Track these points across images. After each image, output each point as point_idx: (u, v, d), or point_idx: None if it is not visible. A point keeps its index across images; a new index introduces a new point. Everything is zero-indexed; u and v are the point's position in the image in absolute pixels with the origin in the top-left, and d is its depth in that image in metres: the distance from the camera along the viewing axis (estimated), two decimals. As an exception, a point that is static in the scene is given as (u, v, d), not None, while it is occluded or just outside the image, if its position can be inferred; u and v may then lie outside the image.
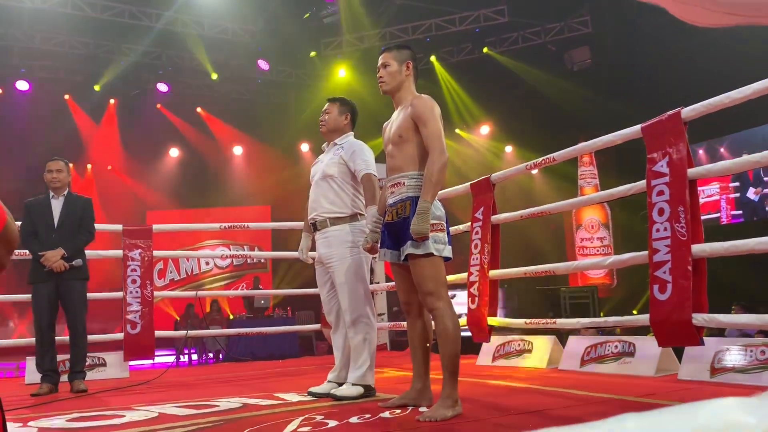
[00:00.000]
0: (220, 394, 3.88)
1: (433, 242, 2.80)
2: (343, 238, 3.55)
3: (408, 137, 2.94)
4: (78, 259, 4.52)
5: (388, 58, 3.09)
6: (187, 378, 5.32)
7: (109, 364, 5.37)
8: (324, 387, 3.59)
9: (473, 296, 4.72)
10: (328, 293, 3.73)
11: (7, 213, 1.09)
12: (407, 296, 3.08)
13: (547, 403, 2.99)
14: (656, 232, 3.36)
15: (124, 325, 5.39)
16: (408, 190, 2.91)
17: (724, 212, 11.84)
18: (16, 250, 1.25)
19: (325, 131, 3.78)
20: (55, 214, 4.54)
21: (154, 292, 5.54)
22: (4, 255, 1.10)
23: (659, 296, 3.30)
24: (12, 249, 1.12)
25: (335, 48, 12.73)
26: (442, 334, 2.82)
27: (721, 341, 3.55)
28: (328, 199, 3.61)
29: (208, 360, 10.48)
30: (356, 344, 3.49)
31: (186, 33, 11.70)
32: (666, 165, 3.36)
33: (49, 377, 4.45)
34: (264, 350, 8.14)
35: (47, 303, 4.46)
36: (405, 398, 3.05)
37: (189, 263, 14.30)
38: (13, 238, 1.11)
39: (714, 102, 3.28)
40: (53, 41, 11.57)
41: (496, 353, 4.98)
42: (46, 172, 4.60)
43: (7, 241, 1.09)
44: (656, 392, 3.10)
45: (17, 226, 1.11)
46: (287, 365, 6.15)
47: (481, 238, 4.74)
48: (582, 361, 4.23)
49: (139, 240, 5.54)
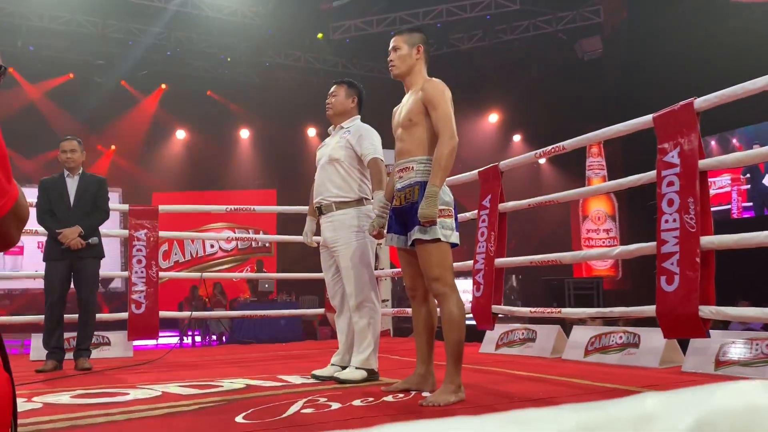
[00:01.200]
0: (224, 374, 3.90)
1: (441, 228, 2.79)
2: (348, 223, 3.54)
3: (418, 121, 2.92)
4: (94, 237, 4.55)
5: (399, 41, 3.06)
6: (190, 358, 5.34)
7: (113, 344, 5.40)
8: (327, 370, 3.60)
9: (478, 284, 4.72)
10: (332, 277, 3.72)
11: (19, 189, 1.09)
12: (413, 281, 3.07)
13: (550, 391, 2.99)
14: (665, 223, 3.33)
15: (129, 304, 5.41)
16: (417, 175, 2.89)
17: (735, 204, 11.78)
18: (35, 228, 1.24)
19: (332, 114, 3.75)
20: (70, 192, 4.57)
21: (159, 272, 5.55)
22: (14, 230, 1.10)
23: (666, 287, 3.29)
24: (23, 224, 1.12)
25: (344, 32, 12.65)
26: (447, 320, 2.81)
27: (726, 334, 3.54)
28: (334, 183, 3.59)
29: (212, 342, 10.53)
30: (360, 328, 3.49)
31: (195, 15, 11.64)
32: (677, 156, 3.33)
33: (54, 354, 4.47)
34: (267, 334, 8.18)
35: (60, 281, 4.49)
36: (408, 383, 3.05)
37: (194, 245, 14.32)
38: (24, 214, 1.10)
39: (728, 93, 3.24)
40: (61, 20, 11.53)
41: (500, 341, 4.98)
42: (60, 152, 4.62)
43: (18, 216, 1.09)
44: (660, 383, 3.10)
45: (29, 202, 1.11)
46: (290, 348, 6.17)
47: (487, 226, 4.72)
48: (586, 351, 4.23)
49: (145, 220, 5.55)
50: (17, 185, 1.09)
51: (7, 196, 1.05)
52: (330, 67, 13.64)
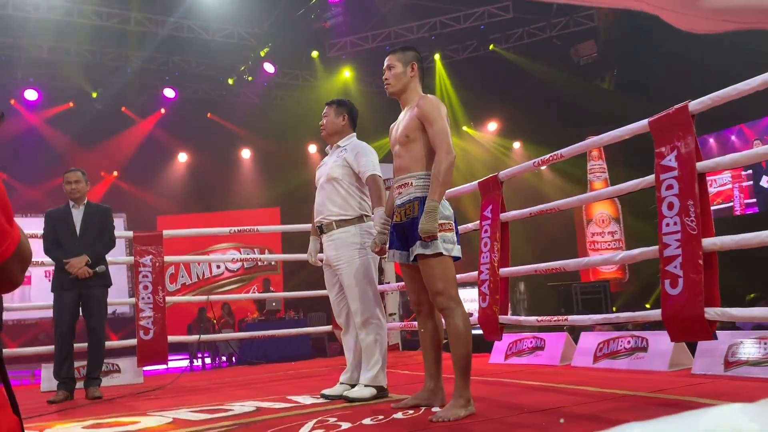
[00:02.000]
0: (234, 398, 3.90)
1: (442, 242, 2.81)
2: (350, 240, 3.56)
3: (415, 137, 2.94)
4: (101, 265, 4.58)
5: (392, 60, 3.10)
6: (200, 382, 5.35)
7: (123, 370, 5.42)
8: (337, 389, 3.60)
9: (484, 295, 4.72)
10: (337, 295, 3.74)
11: (21, 231, 1.11)
12: (417, 296, 3.08)
13: (560, 400, 2.98)
14: (666, 226, 3.34)
15: (137, 331, 5.42)
16: (416, 190, 2.92)
17: (738, 201, 11.74)
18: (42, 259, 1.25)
19: (326, 135, 3.81)
20: (76, 223, 4.61)
21: (165, 297, 5.58)
22: (18, 272, 1.12)
23: (671, 291, 3.29)
24: (26, 266, 1.14)
25: (340, 49, 12.74)
26: (453, 334, 2.82)
27: (734, 335, 3.53)
28: (334, 201, 3.62)
29: (222, 363, 10.53)
30: (367, 345, 3.50)
31: (191, 38, 11.74)
32: (674, 159, 3.34)
33: (65, 384, 4.49)
34: (277, 352, 8.16)
35: (69, 311, 4.51)
36: (417, 399, 3.05)
37: (200, 267, 14.37)
38: (27, 255, 1.12)
39: (721, 94, 3.26)
40: (59, 50, 11.64)
41: (509, 351, 4.97)
42: (64, 183, 4.67)
43: (21, 258, 1.10)
44: (670, 387, 3.09)
45: (34, 233, 1.14)
46: (300, 367, 6.17)
47: (490, 237, 4.73)
48: (595, 357, 4.22)
49: (150, 246, 5.58)
50: (19, 227, 1.11)
51: (10, 239, 1.07)
52: (328, 83, 13.72)
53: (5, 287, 1.12)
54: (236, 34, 11.97)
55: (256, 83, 13.64)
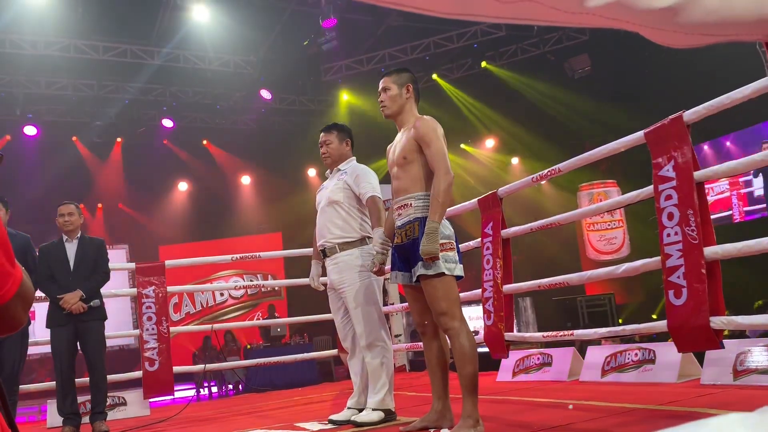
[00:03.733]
0: (241, 426, 3.87)
1: (444, 262, 2.80)
2: (353, 263, 3.55)
3: (412, 158, 2.95)
4: (96, 299, 4.55)
5: (388, 82, 3.12)
6: (207, 412, 5.31)
7: (129, 403, 5.38)
8: (344, 414, 3.57)
9: (488, 312, 4.70)
10: (342, 319, 3.73)
11: (23, 270, 1.12)
12: (421, 317, 3.07)
13: (569, 416, 2.96)
14: (667, 237, 3.34)
15: (143, 362, 5.40)
16: (415, 212, 2.92)
17: (736, 209, 11.70)
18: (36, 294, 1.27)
19: (330, 162, 3.80)
20: (70, 257, 4.57)
21: (170, 327, 5.56)
22: (21, 312, 1.12)
23: (675, 301, 3.28)
24: (29, 306, 1.14)
25: (336, 73, 12.83)
26: (459, 354, 2.80)
27: (742, 343, 3.51)
28: (335, 224, 3.62)
29: (228, 392, 10.44)
30: (374, 368, 3.48)
31: (187, 68, 11.84)
32: (672, 169, 3.35)
33: (70, 420, 4.45)
34: (283, 379, 8.10)
35: (66, 346, 4.47)
36: (426, 421, 3.03)
37: (204, 296, 14.34)
38: (29, 295, 1.13)
39: (715, 103, 3.28)
40: (57, 85, 11.74)
41: (516, 368, 4.94)
42: (58, 216, 4.64)
43: (24, 298, 1.11)
44: (680, 399, 3.07)
45: (31, 282, 1.14)
46: (307, 393, 6.13)
47: (492, 254, 4.73)
48: (603, 371, 4.19)
49: (153, 277, 5.57)
50: (21, 267, 1.11)
51: (12, 280, 1.07)
52: (325, 107, 13.81)
53: (8, 328, 1.11)
54: (232, 63, 12.07)
55: (254, 110, 13.73)
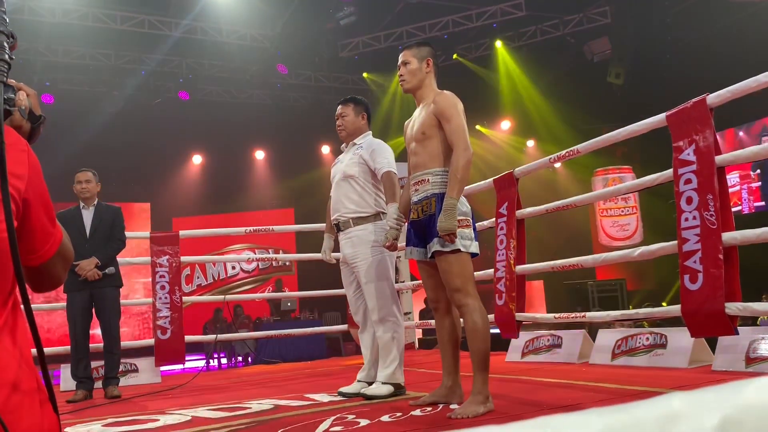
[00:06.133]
0: (251, 396, 3.91)
1: (460, 238, 2.79)
2: (366, 238, 3.55)
3: (431, 134, 2.93)
4: (111, 267, 4.59)
5: (407, 56, 3.08)
6: (218, 381, 5.37)
7: (141, 370, 5.45)
8: (354, 386, 3.60)
9: (500, 292, 4.70)
10: (354, 293, 3.74)
11: (63, 231, 1.15)
12: (435, 293, 3.07)
13: (579, 397, 2.96)
14: (685, 221, 3.31)
15: (155, 331, 5.46)
16: (433, 187, 2.91)
17: (746, 204, 11.56)
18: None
19: (345, 135, 3.78)
20: (86, 224, 4.61)
21: (182, 297, 5.60)
22: (61, 270, 1.16)
23: (690, 286, 3.25)
24: (68, 264, 1.18)
25: (353, 49, 12.75)
26: (471, 331, 2.81)
27: (755, 330, 3.49)
28: (350, 199, 3.61)
29: (238, 363, 10.57)
30: (384, 343, 3.49)
31: (204, 40, 11.81)
32: (693, 153, 3.31)
33: (84, 384, 4.53)
34: (293, 352, 8.18)
35: (81, 311, 4.53)
36: (435, 396, 3.04)
37: (216, 268, 14.45)
38: (68, 254, 1.17)
39: (740, 87, 3.22)
40: (74, 54, 11.76)
41: (525, 349, 4.95)
42: (75, 183, 4.67)
43: (63, 257, 1.15)
44: (690, 384, 3.06)
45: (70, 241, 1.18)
46: (316, 366, 6.18)
47: (506, 234, 4.71)
48: (613, 355, 4.19)
49: (167, 246, 5.61)
50: (60, 227, 1.15)
51: (53, 239, 1.12)
52: (340, 84, 13.75)
53: (48, 285, 1.16)
54: (249, 36, 12.02)
55: (269, 84, 13.69)
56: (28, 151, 1.08)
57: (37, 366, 1.05)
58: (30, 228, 1.07)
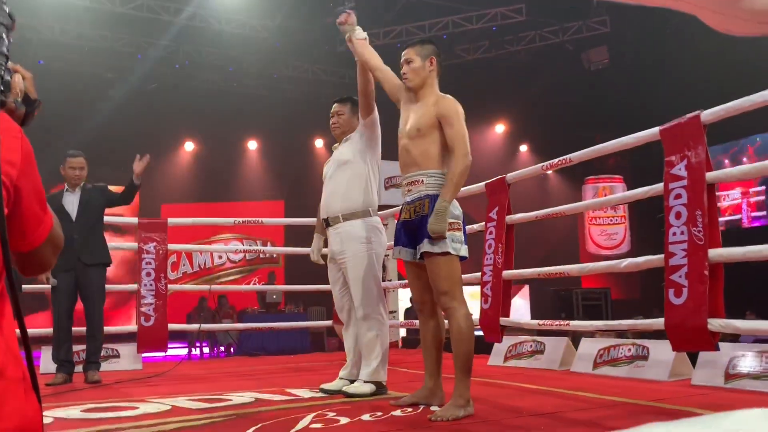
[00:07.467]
0: (233, 388, 3.91)
1: (451, 241, 2.80)
2: (355, 234, 3.54)
3: (426, 133, 2.92)
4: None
5: (411, 53, 3.05)
6: (199, 371, 5.36)
7: (122, 356, 5.42)
8: (336, 384, 3.59)
9: (486, 296, 4.72)
10: (340, 290, 3.73)
11: (53, 216, 1.17)
12: (421, 295, 3.07)
13: (558, 404, 2.98)
14: (673, 235, 3.33)
15: (138, 317, 5.43)
16: (427, 189, 2.90)
17: (745, 215, 11.69)
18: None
19: (339, 133, 3.76)
20: (73, 207, 4.58)
21: (168, 285, 5.58)
22: (51, 255, 1.18)
23: (675, 300, 3.28)
24: (58, 249, 1.20)
25: (351, 44, 12.72)
26: (456, 334, 2.81)
27: (735, 347, 3.52)
28: (340, 195, 3.60)
29: (220, 353, 10.55)
30: (368, 341, 3.49)
31: (204, 28, 11.75)
32: (684, 168, 3.33)
33: (64, 367, 4.49)
34: (276, 345, 8.18)
35: (66, 293, 4.50)
36: (416, 397, 3.05)
37: (202, 257, 14.39)
38: (59, 241, 1.19)
39: (734, 105, 3.25)
40: (71, 34, 11.66)
41: (508, 353, 4.97)
42: (68, 168, 4.63)
43: (53, 243, 1.17)
44: (669, 397, 3.08)
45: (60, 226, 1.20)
46: (298, 361, 6.18)
47: (495, 238, 4.72)
48: (595, 364, 4.21)
49: (154, 233, 5.58)
50: (51, 213, 1.16)
51: (43, 225, 1.13)
52: (337, 78, 13.71)
53: (37, 270, 1.18)
54: (248, 26, 11.97)
55: (266, 75, 13.64)
56: (22, 137, 1.08)
57: (22, 350, 1.05)
58: (21, 215, 1.07)
